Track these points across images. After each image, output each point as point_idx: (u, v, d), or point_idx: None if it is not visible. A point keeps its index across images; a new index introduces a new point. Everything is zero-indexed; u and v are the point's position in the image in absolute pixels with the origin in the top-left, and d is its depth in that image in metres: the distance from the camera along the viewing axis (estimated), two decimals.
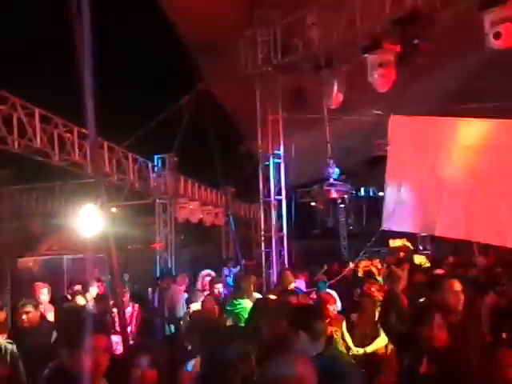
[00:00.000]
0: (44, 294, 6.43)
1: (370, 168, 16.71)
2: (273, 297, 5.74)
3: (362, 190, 26.32)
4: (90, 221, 8.97)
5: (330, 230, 29.23)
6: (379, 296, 5.71)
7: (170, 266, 14.83)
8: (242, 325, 4.97)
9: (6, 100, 8.20)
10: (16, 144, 8.54)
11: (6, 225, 15.12)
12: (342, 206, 28.46)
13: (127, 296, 7.85)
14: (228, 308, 5.84)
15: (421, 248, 18.74)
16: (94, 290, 7.92)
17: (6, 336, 4.73)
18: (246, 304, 5.54)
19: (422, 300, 5.35)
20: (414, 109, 9.82)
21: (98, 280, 8.83)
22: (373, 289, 5.92)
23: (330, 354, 3.21)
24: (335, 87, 9.00)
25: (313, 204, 22.20)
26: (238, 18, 10.13)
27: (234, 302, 5.81)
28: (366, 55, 8.46)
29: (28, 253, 14.53)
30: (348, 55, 9.08)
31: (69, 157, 9.58)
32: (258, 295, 6.24)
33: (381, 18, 8.18)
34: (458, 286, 4.24)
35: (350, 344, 4.73)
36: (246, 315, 5.00)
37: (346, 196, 27.07)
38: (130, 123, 13.77)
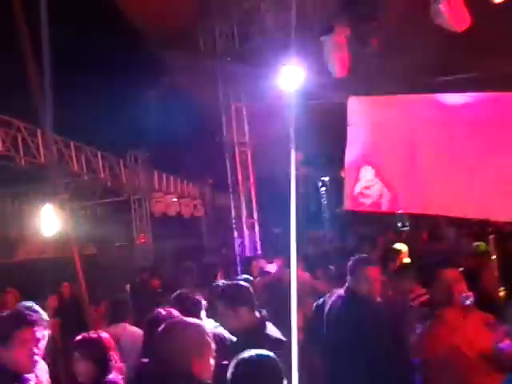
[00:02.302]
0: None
1: None
2: None
3: (342, 172, 26.29)
4: (49, 221, 8.99)
5: (314, 215, 29.44)
6: None
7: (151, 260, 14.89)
8: None
9: None
10: None
11: None
12: (324, 189, 28.70)
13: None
14: None
15: (399, 225, 18.96)
16: None
17: None
18: None
19: None
20: (385, 88, 9.93)
21: None
22: None
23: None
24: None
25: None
26: (196, 9, 10.17)
27: None
28: (322, 39, 8.56)
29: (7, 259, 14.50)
30: (305, 39, 9.13)
31: (34, 160, 9.57)
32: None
33: (331, 1, 8.26)
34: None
35: None
36: None
37: (325, 179, 27.43)
38: (100, 122, 13.75)
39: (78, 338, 3.29)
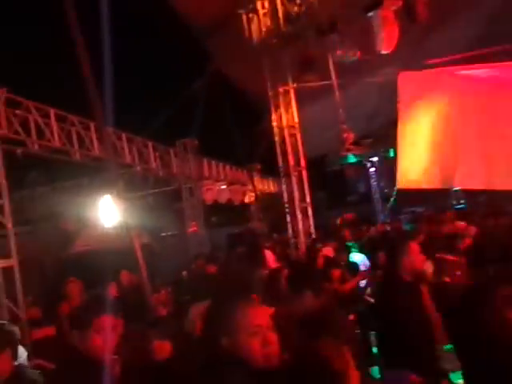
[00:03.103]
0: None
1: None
2: None
3: (392, 151, 25.78)
4: (109, 213, 9.17)
5: (364, 196, 29.08)
6: None
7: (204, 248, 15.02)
8: None
9: (21, 104, 8.37)
10: (36, 146, 8.74)
11: (42, 226, 15.59)
12: (373, 169, 28.24)
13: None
14: None
15: (454, 203, 18.51)
16: None
17: None
18: None
19: None
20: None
21: None
22: None
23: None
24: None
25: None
26: None
27: None
28: (370, 14, 8.36)
29: (65, 251, 14.98)
30: (351, 17, 8.93)
31: (88, 152, 9.77)
32: None
33: None
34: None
35: None
36: None
37: (374, 159, 26.97)
38: (147, 112, 13.94)
39: None
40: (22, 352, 4.31)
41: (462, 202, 18.71)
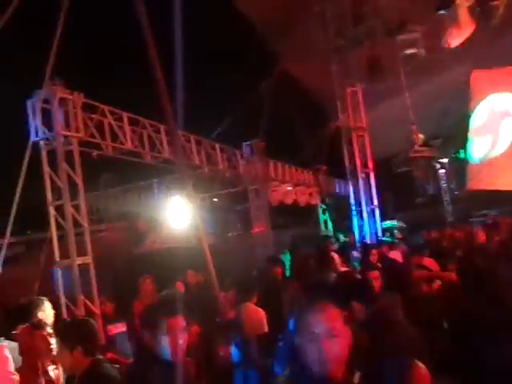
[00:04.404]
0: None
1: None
2: None
3: (462, 152, 24.92)
4: (179, 213, 9.36)
5: (433, 198, 28.26)
6: None
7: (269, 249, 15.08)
8: None
9: (96, 108, 8.73)
10: (110, 148, 9.09)
11: (115, 225, 16.19)
12: (442, 170, 27.38)
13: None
14: None
15: None
16: None
17: None
18: None
19: None
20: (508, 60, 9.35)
21: None
22: None
23: None
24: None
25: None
26: None
27: None
28: (441, 12, 8.18)
29: (137, 249, 15.48)
30: (422, 15, 8.77)
31: (159, 154, 10.05)
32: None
33: None
34: None
35: None
36: None
37: (445, 160, 26.17)
38: (214, 115, 14.17)
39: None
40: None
41: None
